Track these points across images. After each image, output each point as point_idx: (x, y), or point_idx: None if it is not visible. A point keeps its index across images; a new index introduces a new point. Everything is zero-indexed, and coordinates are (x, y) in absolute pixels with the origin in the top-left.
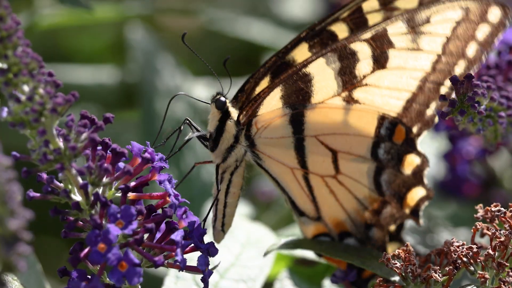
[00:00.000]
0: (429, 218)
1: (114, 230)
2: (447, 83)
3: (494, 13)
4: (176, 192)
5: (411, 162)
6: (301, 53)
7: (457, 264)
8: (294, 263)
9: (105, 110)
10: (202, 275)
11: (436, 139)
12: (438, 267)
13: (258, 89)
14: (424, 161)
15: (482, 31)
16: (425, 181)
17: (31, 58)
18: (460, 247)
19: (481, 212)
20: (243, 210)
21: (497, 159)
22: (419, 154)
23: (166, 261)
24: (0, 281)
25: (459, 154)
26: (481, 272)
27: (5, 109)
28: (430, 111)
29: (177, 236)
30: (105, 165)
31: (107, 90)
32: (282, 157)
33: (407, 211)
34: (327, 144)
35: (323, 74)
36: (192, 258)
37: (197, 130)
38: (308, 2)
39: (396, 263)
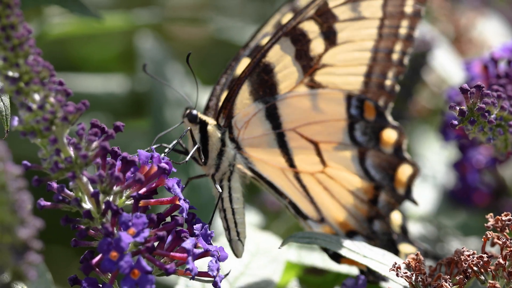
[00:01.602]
0: (439, 227)
1: (126, 238)
2: (397, 48)
3: None
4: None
5: (388, 137)
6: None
7: (467, 273)
8: (304, 272)
9: (114, 119)
10: (213, 281)
11: (446, 148)
12: (449, 276)
13: (221, 104)
14: (401, 133)
15: None
16: (407, 156)
17: (42, 67)
18: (471, 256)
19: (491, 221)
20: (252, 219)
21: (507, 168)
22: (393, 127)
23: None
24: None
25: (469, 163)
26: (491, 282)
27: (16, 118)
28: (389, 82)
29: (188, 244)
30: (116, 173)
31: (117, 99)
32: (269, 158)
33: (401, 191)
34: (306, 136)
35: (282, 62)
36: (200, 266)
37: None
38: None
39: (406, 272)
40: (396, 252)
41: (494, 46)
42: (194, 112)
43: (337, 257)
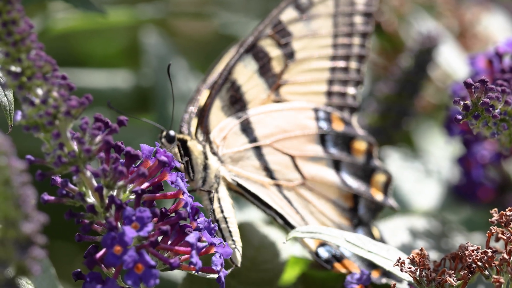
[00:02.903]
0: (443, 222)
1: (130, 232)
2: (353, 65)
3: None
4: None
5: (359, 147)
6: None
7: (472, 269)
8: (308, 267)
9: (118, 114)
10: (217, 276)
11: (451, 143)
12: (453, 272)
13: (193, 122)
14: (370, 142)
15: (360, 3)
16: (379, 164)
17: (44, 61)
18: (475, 251)
19: (496, 217)
20: (256, 214)
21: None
22: (363, 137)
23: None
24: (14, 285)
25: (474, 158)
26: (496, 277)
27: (19, 113)
28: (351, 91)
29: (192, 238)
30: (120, 167)
31: (121, 94)
32: (250, 171)
33: (379, 198)
34: (281, 150)
35: (248, 78)
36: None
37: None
38: None
39: (410, 267)
40: None
41: (499, 41)
42: (172, 132)
43: (330, 262)
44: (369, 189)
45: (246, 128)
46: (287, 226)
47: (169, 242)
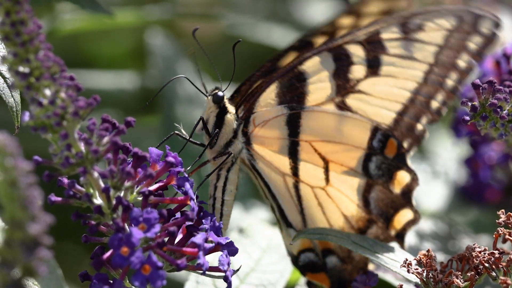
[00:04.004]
0: (450, 224)
1: (137, 233)
2: (439, 97)
3: (486, 25)
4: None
5: (401, 179)
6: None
7: (479, 270)
8: None
9: (125, 115)
10: (224, 275)
11: (458, 144)
12: (460, 273)
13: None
14: (414, 179)
15: (474, 42)
16: (414, 202)
17: (52, 62)
18: (482, 253)
19: (503, 218)
20: (263, 215)
21: None
22: (409, 171)
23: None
24: (21, 286)
25: (481, 160)
26: (503, 278)
27: (27, 113)
28: (420, 126)
29: (199, 239)
30: (128, 168)
31: (128, 95)
32: (275, 160)
33: (392, 233)
34: (320, 152)
35: (318, 75)
36: (210, 262)
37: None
38: (329, 7)
39: (417, 269)
40: None
41: (507, 42)
42: (221, 93)
43: (304, 271)
44: (388, 221)
45: (293, 121)
46: (282, 221)
47: (176, 243)
